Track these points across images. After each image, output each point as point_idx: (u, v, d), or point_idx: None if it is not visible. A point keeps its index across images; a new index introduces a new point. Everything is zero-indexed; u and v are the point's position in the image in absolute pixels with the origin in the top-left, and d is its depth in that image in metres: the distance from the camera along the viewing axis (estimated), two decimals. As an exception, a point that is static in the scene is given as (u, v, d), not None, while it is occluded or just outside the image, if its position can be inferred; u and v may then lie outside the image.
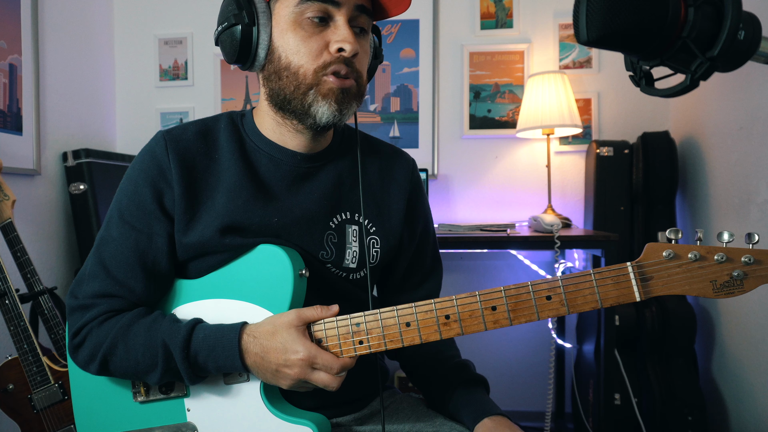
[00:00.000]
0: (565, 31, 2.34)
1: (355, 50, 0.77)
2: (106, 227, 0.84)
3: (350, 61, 0.79)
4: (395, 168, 0.97)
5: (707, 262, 0.67)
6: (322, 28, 0.79)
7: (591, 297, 0.70)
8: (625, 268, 0.69)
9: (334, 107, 0.79)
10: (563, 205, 2.35)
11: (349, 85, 0.80)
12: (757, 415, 1.66)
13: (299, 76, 0.79)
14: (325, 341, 0.77)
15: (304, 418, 0.78)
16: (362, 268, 0.90)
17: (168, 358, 0.76)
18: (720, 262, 0.67)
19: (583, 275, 0.70)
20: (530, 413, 2.33)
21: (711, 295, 0.67)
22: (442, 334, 0.74)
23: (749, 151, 1.68)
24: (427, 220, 1.02)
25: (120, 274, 0.80)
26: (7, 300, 1.48)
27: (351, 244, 0.89)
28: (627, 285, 0.69)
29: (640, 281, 0.69)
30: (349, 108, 0.81)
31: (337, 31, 0.78)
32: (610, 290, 0.69)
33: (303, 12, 0.78)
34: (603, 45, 0.53)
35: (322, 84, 0.78)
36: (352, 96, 0.81)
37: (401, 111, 2.41)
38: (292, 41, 0.79)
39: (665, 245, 0.69)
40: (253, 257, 0.82)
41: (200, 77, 2.50)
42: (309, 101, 0.79)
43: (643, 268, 0.69)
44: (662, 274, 0.69)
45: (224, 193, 0.82)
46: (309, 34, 0.78)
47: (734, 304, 1.79)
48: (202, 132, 0.86)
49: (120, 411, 0.85)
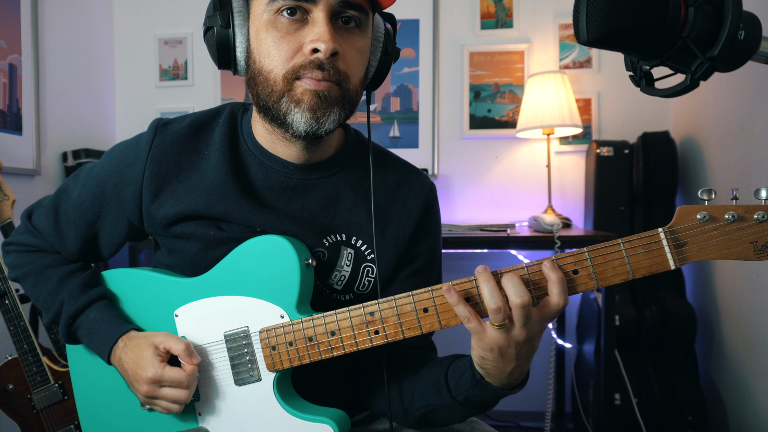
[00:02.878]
0: (565, 31, 2.34)
1: (332, 49, 0.68)
2: (73, 179, 0.89)
3: (330, 63, 0.70)
4: (409, 191, 0.87)
5: (746, 223, 0.61)
6: (298, 26, 0.70)
7: (621, 268, 0.64)
8: (657, 235, 0.63)
9: (308, 115, 0.71)
10: (563, 205, 2.35)
11: (325, 88, 0.70)
12: (756, 415, 1.66)
13: (270, 81, 0.72)
14: (339, 333, 0.73)
15: (322, 416, 0.75)
16: (348, 292, 0.84)
17: (58, 314, 0.86)
18: (761, 221, 0.60)
19: (611, 245, 0.64)
20: (530, 413, 2.33)
21: (752, 257, 0.61)
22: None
23: (749, 151, 1.68)
24: (435, 253, 0.90)
25: (64, 228, 0.88)
26: (7, 300, 1.48)
27: (342, 268, 0.83)
28: (660, 253, 0.63)
29: (674, 248, 0.63)
30: (329, 115, 0.71)
31: (313, 29, 0.69)
32: (642, 259, 0.64)
33: (276, 9, 0.70)
34: (603, 45, 0.53)
35: (294, 89, 0.71)
36: (332, 101, 0.71)
37: (401, 111, 2.41)
38: (265, 42, 0.72)
39: (698, 207, 0.63)
40: (254, 249, 0.78)
41: (200, 77, 2.50)
42: (284, 109, 0.72)
43: (676, 233, 0.63)
44: (697, 239, 0.63)
45: (205, 191, 0.80)
46: (282, 35, 0.71)
47: (734, 304, 1.79)
48: (198, 125, 0.84)
49: (128, 419, 0.85)
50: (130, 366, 0.79)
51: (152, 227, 0.84)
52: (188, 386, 0.76)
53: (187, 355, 0.76)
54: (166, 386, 0.76)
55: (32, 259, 0.91)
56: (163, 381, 0.76)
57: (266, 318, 0.77)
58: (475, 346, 0.68)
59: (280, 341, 0.76)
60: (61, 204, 0.88)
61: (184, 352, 0.76)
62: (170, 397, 0.76)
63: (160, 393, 0.77)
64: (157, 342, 0.78)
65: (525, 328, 0.63)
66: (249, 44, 0.74)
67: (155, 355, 0.77)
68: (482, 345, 0.65)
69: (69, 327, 0.85)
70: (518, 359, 0.66)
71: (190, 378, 0.76)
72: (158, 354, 0.77)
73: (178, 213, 0.80)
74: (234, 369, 0.79)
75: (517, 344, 0.64)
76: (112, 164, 0.84)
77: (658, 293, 2.02)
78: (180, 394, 0.76)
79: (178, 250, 0.84)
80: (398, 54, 0.83)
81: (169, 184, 0.81)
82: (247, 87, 0.77)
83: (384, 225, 0.84)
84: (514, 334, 0.64)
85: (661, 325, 1.94)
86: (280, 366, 0.76)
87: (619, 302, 2.00)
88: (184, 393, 0.76)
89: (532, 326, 0.63)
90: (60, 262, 0.90)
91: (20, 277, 0.91)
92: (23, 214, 0.93)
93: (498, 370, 0.67)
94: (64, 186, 0.89)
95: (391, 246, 0.85)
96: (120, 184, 0.83)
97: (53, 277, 0.88)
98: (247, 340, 0.78)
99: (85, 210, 0.86)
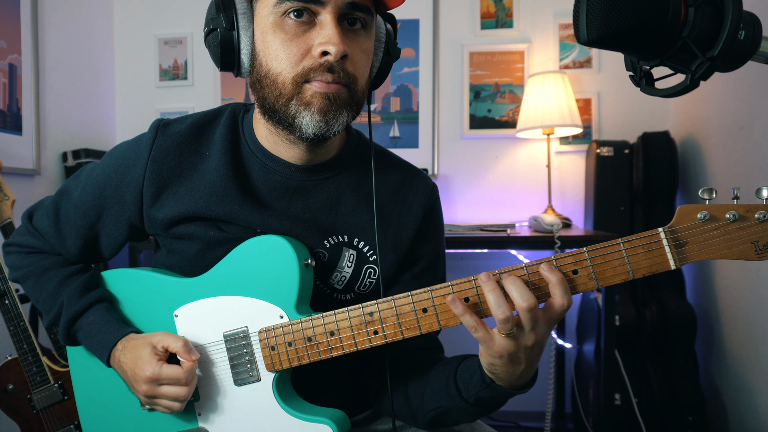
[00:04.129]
0: (565, 31, 2.34)
1: (342, 52, 0.68)
2: (74, 180, 0.89)
3: (339, 65, 0.69)
4: (411, 191, 0.87)
5: (747, 222, 0.60)
6: (306, 29, 0.70)
7: (621, 268, 0.64)
8: (657, 235, 0.63)
9: (318, 117, 0.70)
10: (563, 205, 2.35)
11: (335, 90, 0.70)
12: (756, 415, 1.66)
13: (278, 84, 0.71)
14: (338, 333, 0.73)
15: (321, 416, 0.75)
16: (348, 292, 0.84)
17: (58, 316, 0.87)
18: (762, 220, 0.60)
19: (611, 245, 0.64)
20: (530, 413, 2.33)
21: (753, 257, 0.61)
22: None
23: (749, 151, 1.68)
24: (438, 254, 0.90)
25: (65, 229, 0.88)
26: (7, 300, 1.48)
27: (343, 269, 0.83)
28: (660, 253, 0.63)
29: (674, 247, 0.63)
30: (338, 117, 0.71)
31: (322, 31, 0.69)
32: (642, 259, 0.63)
33: (283, 12, 0.69)
34: (603, 45, 0.53)
35: (303, 91, 0.70)
36: (341, 104, 0.71)
37: (401, 111, 2.41)
38: (272, 45, 0.71)
39: (699, 206, 0.62)
40: (254, 249, 0.78)
41: (200, 77, 2.50)
42: (292, 112, 0.71)
43: (676, 233, 0.63)
44: (698, 239, 0.62)
45: (206, 193, 0.80)
46: (290, 37, 0.70)
47: (734, 304, 1.79)
48: (199, 126, 0.83)
49: (129, 419, 0.85)
50: (129, 367, 0.79)
51: (153, 228, 0.84)
52: (187, 383, 0.76)
53: (185, 351, 0.76)
54: (165, 384, 0.76)
55: (33, 260, 0.91)
56: (162, 379, 0.76)
57: (265, 318, 0.77)
58: (483, 353, 0.67)
59: (279, 341, 0.76)
60: (62, 205, 0.88)
61: (182, 349, 0.76)
62: (170, 395, 0.76)
63: (159, 391, 0.76)
64: (155, 341, 0.78)
65: (533, 332, 0.63)
66: (254, 46, 0.74)
67: (153, 354, 0.77)
68: (491, 352, 0.65)
69: (68, 330, 0.86)
70: (527, 362, 0.66)
71: (189, 374, 0.76)
72: (156, 353, 0.77)
73: (178, 214, 0.80)
74: (233, 369, 0.79)
75: (526, 348, 0.64)
76: (112, 165, 0.84)
77: (659, 293, 2.02)
78: (179, 391, 0.75)
79: (179, 250, 0.84)
80: (399, 54, 0.83)
81: (170, 185, 0.81)
82: (252, 89, 0.76)
83: (386, 226, 0.84)
84: (523, 340, 0.63)
85: (661, 325, 1.94)
86: (280, 366, 0.76)
87: (619, 302, 2.00)
88: (183, 390, 0.75)
89: (539, 329, 0.63)
90: (60, 263, 0.90)
91: (21, 278, 0.92)
92: (24, 215, 0.93)
93: (508, 374, 0.67)
94: (64, 187, 0.89)
95: (393, 247, 0.85)
96: (121, 185, 0.83)
97: (53, 279, 0.88)
98: (247, 340, 0.78)
99: (85, 211, 0.86)
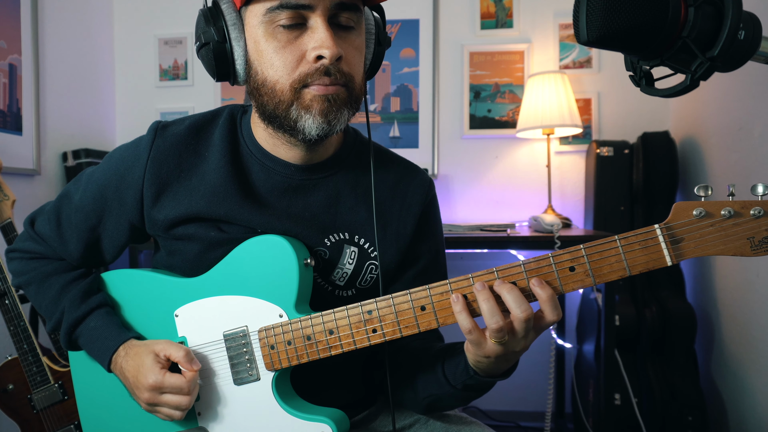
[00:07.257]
0: (565, 31, 2.34)
1: (336, 54, 0.69)
2: (74, 184, 0.89)
3: (335, 67, 0.70)
4: (409, 187, 0.88)
5: (742, 218, 0.61)
6: (298, 34, 0.70)
7: (618, 265, 0.64)
8: (653, 231, 0.64)
9: (320, 119, 0.71)
10: (563, 205, 2.35)
11: (334, 92, 0.71)
12: (756, 415, 1.66)
13: (277, 92, 0.72)
14: (337, 332, 0.74)
15: (321, 415, 0.76)
16: (350, 288, 0.85)
17: (59, 322, 0.87)
18: (757, 216, 0.60)
19: (607, 241, 0.64)
20: (530, 413, 2.33)
21: (749, 253, 0.61)
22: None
23: (749, 151, 1.68)
24: (438, 249, 0.91)
25: (66, 233, 0.88)
26: (7, 300, 1.48)
27: (344, 266, 0.84)
28: (656, 249, 0.64)
29: (671, 244, 0.63)
30: (339, 117, 0.73)
31: (314, 36, 0.69)
32: (638, 256, 0.64)
33: (273, 20, 0.70)
34: (603, 45, 0.53)
35: (303, 96, 0.71)
36: (341, 103, 0.72)
37: (401, 111, 2.41)
38: (266, 53, 0.71)
39: (694, 203, 0.63)
40: (253, 249, 0.79)
41: (200, 77, 2.50)
42: (294, 117, 0.72)
43: (672, 229, 0.64)
44: (694, 235, 0.63)
45: (206, 193, 0.80)
46: (283, 44, 0.70)
47: (734, 304, 1.79)
48: (197, 127, 0.84)
49: (129, 420, 0.85)
50: (131, 374, 0.79)
51: (154, 229, 0.84)
52: (189, 392, 0.76)
53: (188, 361, 0.76)
54: (167, 393, 0.77)
55: (35, 266, 0.91)
56: (164, 388, 0.76)
57: (265, 317, 0.77)
58: (471, 351, 0.70)
59: (278, 340, 0.76)
60: (63, 209, 0.88)
61: (185, 359, 0.76)
62: (171, 404, 0.76)
63: (161, 400, 0.77)
64: (158, 350, 0.78)
65: (525, 339, 0.66)
66: (248, 56, 0.74)
67: (156, 363, 0.77)
68: (480, 353, 0.68)
69: (70, 336, 0.86)
70: (512, 361, 0.71)
71: (191, 384, 0.76)
72: (159, 361, 0.77)
73: (179, 215, 0.81)
74: (233, 368, 0.79)
75: (514, 353, 0.68)
76: (112, 168, 0.84)
77: (658, 293, 2.02)
78: (181, 400, 0.76)
79: (179, 251, 0.84)
80: (390, 42, 0.83)
81: (170, 186, 0.81)
82: (250, 97, 0.77)
83: (385, 222, 0.86)
84: (513, 345, 0.66)
85: (661, 325, 1.94)
86: (279, 365, 0.76)
87: (619, 302, 2.00)
88: (185, 399, 0.76)
89: (530, 337, 0.67)
90: (62, 269, 0.90)
91: (23, 284, 0.92)
92: (26, 222, 0.93)
93: (492, 370, 0.72)
94: (65, 191, 0.90)
95: (392, 243, 0.86)
96: (121, 187, 0.83)
97: (55, 285, 0.88)
98: (246, 339, 0.78)
99: (87, 214, 0.86)
